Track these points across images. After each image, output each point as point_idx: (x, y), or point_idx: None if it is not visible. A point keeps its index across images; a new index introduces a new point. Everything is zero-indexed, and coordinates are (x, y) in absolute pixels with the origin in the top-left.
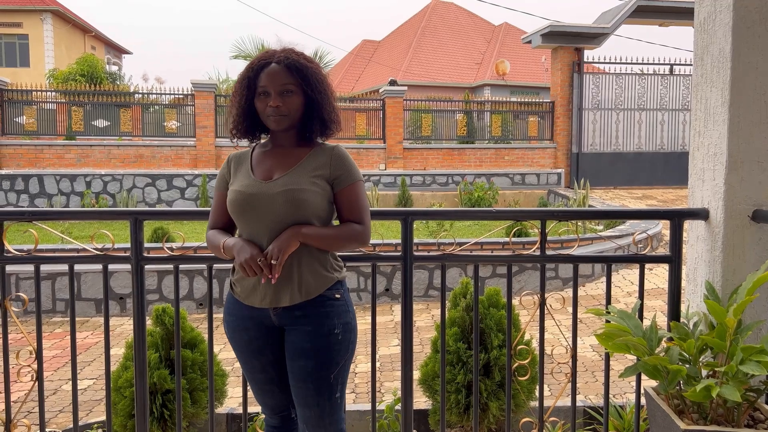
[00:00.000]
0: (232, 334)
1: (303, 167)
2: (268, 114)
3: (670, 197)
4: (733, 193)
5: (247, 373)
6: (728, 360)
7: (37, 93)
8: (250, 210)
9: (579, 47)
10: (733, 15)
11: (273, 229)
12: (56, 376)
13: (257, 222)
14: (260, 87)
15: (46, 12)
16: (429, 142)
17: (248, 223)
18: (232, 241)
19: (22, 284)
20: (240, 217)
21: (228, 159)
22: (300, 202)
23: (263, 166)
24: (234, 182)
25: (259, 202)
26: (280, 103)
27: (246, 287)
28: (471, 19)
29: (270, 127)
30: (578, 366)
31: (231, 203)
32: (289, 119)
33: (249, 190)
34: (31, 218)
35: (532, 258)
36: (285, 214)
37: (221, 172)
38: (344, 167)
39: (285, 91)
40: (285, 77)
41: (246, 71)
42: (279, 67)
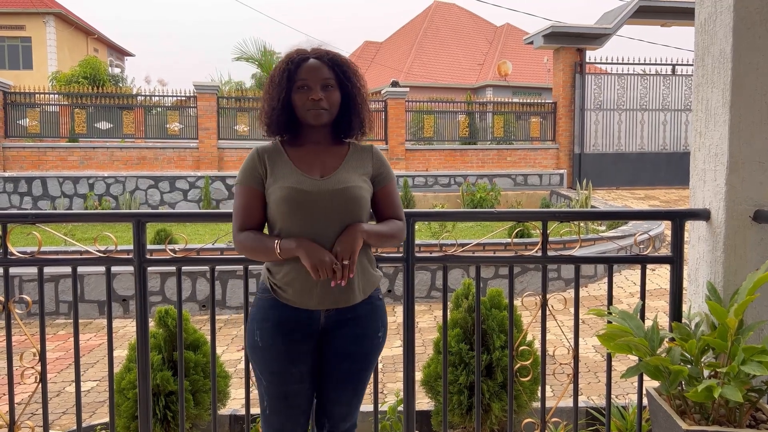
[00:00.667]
0: (272, 341)
1: (350, 165)
2: (308, 108)
3: (672, 197)
4: (734, 194)
5: (279, 386)
6: (730, 360)
7: (40, 95)
8: (306, 208)
9: (581, 48)
10: (734, 16)
11: (328, 227)
12: (59, 378)
13: (312, 220)
14: (300, 80)
15: (48, 15)
16: (431, 143)
17: (302, 221)
18: (293, 241)
19: (25, 286)
20: (293, 214)
21: (257, 153)
22: (358, 200)
23: (307, 162)
24: (278, 178)
25: (317, 200)
26: (322, 96)
27: (301, 289)
28: (473, 20)
29: (308, 121)
30: (580, 367)
31: (285, 200)
32: (328, 114)
33: (305, 187)
34: (35, 221)
35: (534, 259)
36: (343, 211)
37: (250, 166)
38: (385, 166)
39: (326, 86)
40: (326, 72)
41: (285, 64)
42: (319, 62)
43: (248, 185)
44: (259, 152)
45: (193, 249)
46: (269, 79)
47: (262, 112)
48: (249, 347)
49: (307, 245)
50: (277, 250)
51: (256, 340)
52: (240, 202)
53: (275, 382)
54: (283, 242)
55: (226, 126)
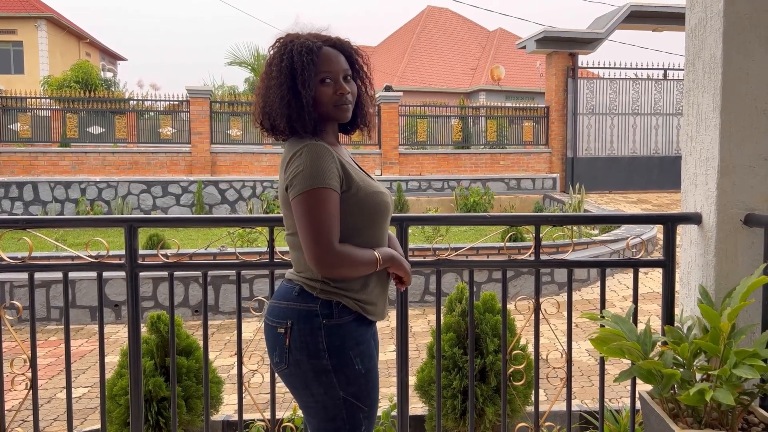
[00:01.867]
0: (371, 361)
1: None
2: (337, 102)
3: (665, 201)
4: (725, 198)
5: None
6: (722, 364)
7: (31, 100)
8: (390, 215)
9: (573, 52)
10: (724, 21)
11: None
12: (51, 384)
13: (387, 229)
14: (323, 72)
15: (40, 19)
16: (424, 147)
17: (384, 232)
18: (385, 251)
19: (16, 292)
20: (384, 222)
21: (329, 150)
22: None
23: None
24: (362, 181)
25: (392, 207)
26: (347, 89)
27: (381, 302)
28: (466, 24)
29: (336, 117)
30: (574, 370)
31: (381, 206)
32: (352, 108)
33: (386, 192)
34: (26, 226)
35: (527, 263)
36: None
37: (330, 166)
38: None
39: (346, 77)
40: (345, 62)
41: (308, 54)
42: (336, 51)
43: (334, 189)
44: (329, 149)
45: (186, 254)
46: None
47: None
48: (350, 380)
49: (398, 255)
50: (379, 261)
51: (359, 369)
52: (329, 209)
53: (375, 401)
54: (380, 253)
55: (219, 130)
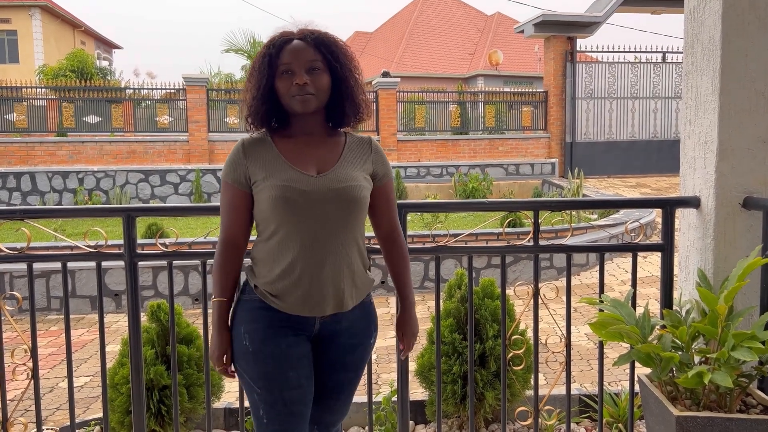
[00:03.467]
0: (262, 344)
1: (349, 159)
2: (293, 94)
3: (663, 185)
4: (724, 181)
5: (276, 392)
6: (720, 346)
7: (27, 90)
8: (301, 209)
9: (571, 36)
10: (723, 3)
11: (327, 233)
12: (52, 374)
13: (307, 223)
14: (282, 65)
15: (34, 7)
16: (423, 133)
17: (296, 224)
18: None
19: (16, 282)
20: (288, 216)
21: (241, 146)
22: (358, 201)
23: (300, 156)
24: (268, 175)
25: (314, 200)
26: (307, 80)
27: (291, 295)
28: (463, 9)
29: (294, 109)
30: (573, 354)
31: (279, 200)
32: (316, 100)
33: (301, 186)
34: (23, 217)
35: (526, 249)
36: (341, 214)
37: (235, 161)
38: (385, 161)
39: (312, 69)
40: (311, 53)
41: (266, 48)
42: (304, 43)
43: (233, 184)
44: (244, 145)
45: (185, 243)
46: (251, 67)
47: (244, 105)
48: (237, 354)
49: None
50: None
51: (245, 345)
52: (225, 200)
53: (270, 388)
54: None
55: (217, 118)
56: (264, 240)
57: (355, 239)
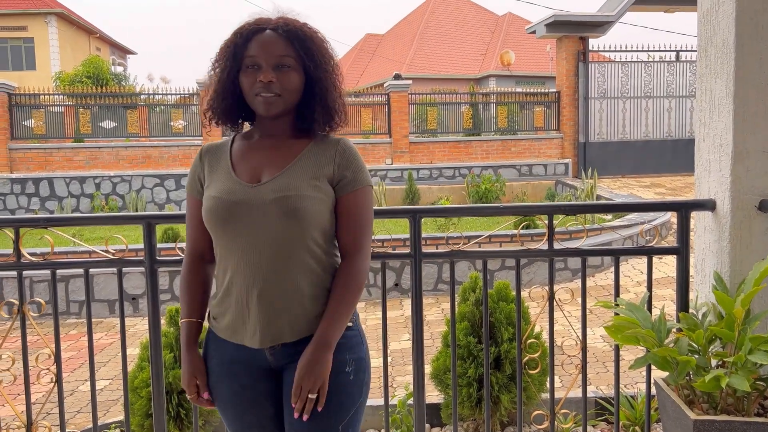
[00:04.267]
0: (216, 385)
1: (301, 165)
2: (256, 92)
3: (678, 185)
4: (739, 184)
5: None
6: (737, 350)
7: (44, 96)
8: (233, 224)
9: (584, 36)
10: (736, 5)
11: (260, 252)
12: (72, 378)
13: (243, 240)
14: (248, 58)
15: (50, 15)
16: (435, 135)
17: (230, 241)
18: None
19: (36, 287)
20: (220, 232)
21: (200, 152)
22: (299, 213)
23: (248, 163)
24: (210, 185)
25: (245, 214)
26: (273, 78)
27: (231, 321)
28: (474, 9)
29: (257, 110)
30: (589, 357)
31: (208, 214)
32: (282, 102)
33: (231, 197)
34: (47, 225)
35: (541, 252)
36: (280, 228)
37: (192, 169)
38: (352, 165)
39: (281, 65)
40: (282, 47)
41: (233, 37)
42: (275, 34)
43: (190, 193)
44: (202, 151)
45: None
46: (216, 54)
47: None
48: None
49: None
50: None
51: (209, 380)
52: (187, 210)
53: (233, 428)
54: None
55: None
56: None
57: (303, 259)
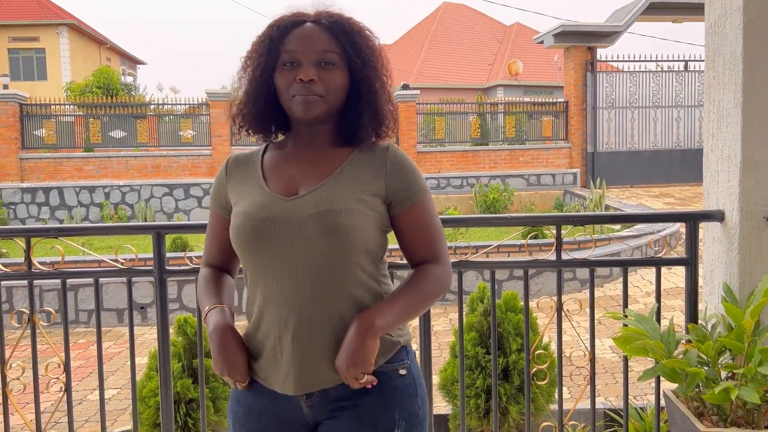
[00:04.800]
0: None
1: (345, 176)
2: (294, 93)
3: (687, 195)
4: (748, 195)
5: None
6: (747, 362)
7: (55, 106)
8: (265, 244)
9: (592, 46)
10: (744, 17)
11: (301, 275)
12: (81, 387)
13: (276, 263)
14: (286, 53)
15: (62, 25)
16: (443, 144)
17: (262, 264)
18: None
19: (45, 296)
20: (249, 254)
21: (226, 163)
22: (343, 230)
23: (282, 174)
24: (239, 199)
25: (279, 231)
26: (315, 76)
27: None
28: (482, 20)
29: (294, 114)
30: (598, 367)
31: (236, 232)
32: (325, 104)
33: (263, 212)
34: (57, 234)
35: (549, 263)
36: (321, 249)
37: (217, 183)
38: (406, 176)
39: (323, 62)
40: (325, 41)
41: (268, 30)
42: (317, 27)
43: (214, 206)
44: (229, 162)
45: None
46: (247, 52)
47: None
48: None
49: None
50: (204, 321)
51: (229, 425)
52: (208, 227)
53: None
54: (210, 315)
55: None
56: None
57: (348, 286)
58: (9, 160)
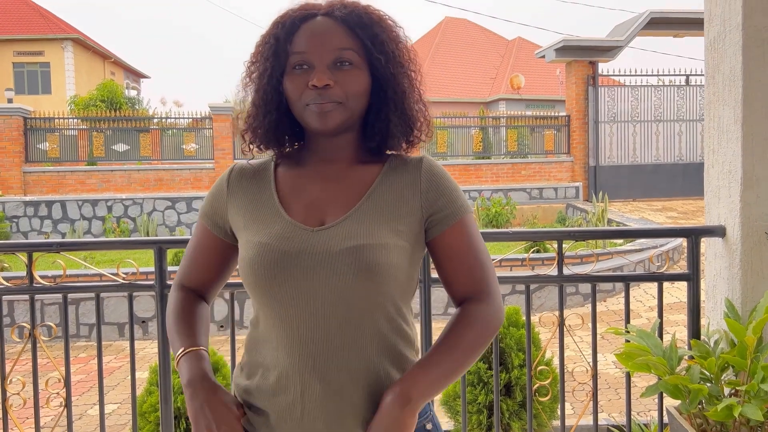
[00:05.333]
0: None
1: (376, 201)
2: (308, 101)
3: (690, 208)
4: (749, 211)
5: None
6: (750, 378)
7: (59, 120)
8: (287, 281)
9: (593, 60)
10: (743, 34)
11: (330, 319)
12: (81, 401)
13: (300, 303)
14: (295, 55)
15: (67, 40)
16: (445, 158)
17: (283, 303)
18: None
19: (47, 309)
20: (266, 291)
21: (229, 173)
22: (379, 269)
23: (302, 196)
24: (249, 224)
25: (304, 267)
26: (331, 80)
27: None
28: (484, 34)
29: (309, 125)
30: (601, 383)
31: (252, 266)
32: (345, 112)
33: (285, 245)
34: (59, 249)
35: (550, 278)
36: (353, 289)
37: (214, 193)
38: (445, 192)
39: (340, 61)
40: (341, 37)
41: (272, 28)
42: (330, 21)
43: (202, 219)
44: (233, 172)
45: None
46: (251, 55)
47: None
48: None
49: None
50: (175, 366)
51: None
52: (190, 243)
53: None
54: (184, 361)
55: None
56: (253, 324)
57: (382, 331)
58: (12, 173)
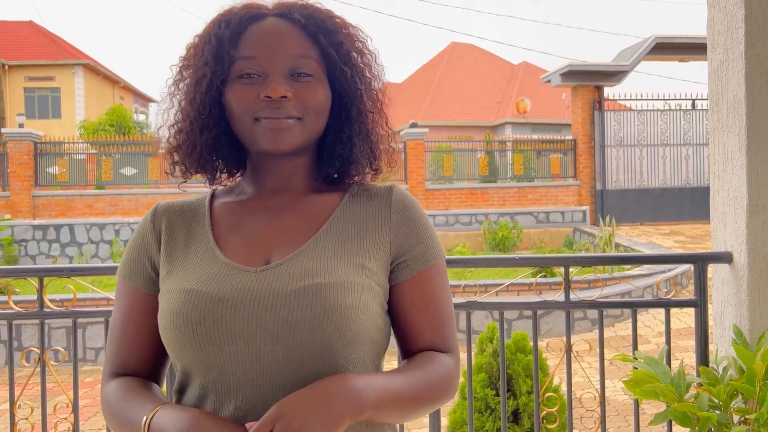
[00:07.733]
0: None
1: (335, 233)
2: (259, 116)
3: (698, 233)
4: (755, 237)
5: None
6: (759, 406)
7: (68, 144)
8: (220, 337)
9: (599, 85)
10: (746, 63)
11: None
12: (87, 426)
13: (240, 364)
14: (242, 60)
15: (77, 65)
16: (451, 182)
17: (216, 367)
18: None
19: (53, 333)
20: (193, 351)
21: (152, 213)
22: (343, 314)
23: (243, 233)
24: (175, 269)
25: (244, 319)
26: (288, 91)
27: None
28: (490, 59)
29: (258, 144)
30: (609, 410)
31: (173, 319)
32: (303, 130)
33: (216, 289)
34: (70, 274)
35: (557, 304)
36: (309, 341)
37: (138, 239)
38: (419, 229)
39: (297, 72)
40: (299, 44)
41: (212, 26)
42: (285, 23)
43: (125, 283)
44: (157, 212)
45: None
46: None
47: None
48: None
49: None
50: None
51: None
52: (113, 317)
53: None
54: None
55: None
56: (175, 391)
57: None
58: (22, 197)
